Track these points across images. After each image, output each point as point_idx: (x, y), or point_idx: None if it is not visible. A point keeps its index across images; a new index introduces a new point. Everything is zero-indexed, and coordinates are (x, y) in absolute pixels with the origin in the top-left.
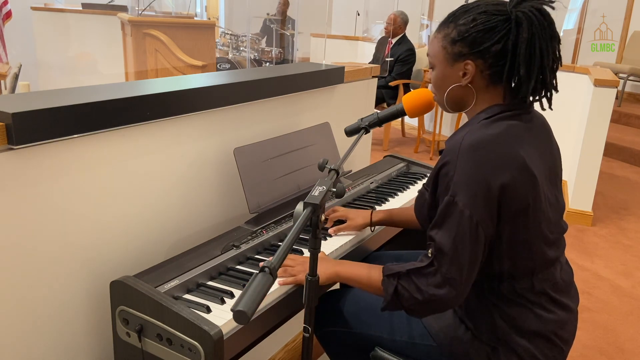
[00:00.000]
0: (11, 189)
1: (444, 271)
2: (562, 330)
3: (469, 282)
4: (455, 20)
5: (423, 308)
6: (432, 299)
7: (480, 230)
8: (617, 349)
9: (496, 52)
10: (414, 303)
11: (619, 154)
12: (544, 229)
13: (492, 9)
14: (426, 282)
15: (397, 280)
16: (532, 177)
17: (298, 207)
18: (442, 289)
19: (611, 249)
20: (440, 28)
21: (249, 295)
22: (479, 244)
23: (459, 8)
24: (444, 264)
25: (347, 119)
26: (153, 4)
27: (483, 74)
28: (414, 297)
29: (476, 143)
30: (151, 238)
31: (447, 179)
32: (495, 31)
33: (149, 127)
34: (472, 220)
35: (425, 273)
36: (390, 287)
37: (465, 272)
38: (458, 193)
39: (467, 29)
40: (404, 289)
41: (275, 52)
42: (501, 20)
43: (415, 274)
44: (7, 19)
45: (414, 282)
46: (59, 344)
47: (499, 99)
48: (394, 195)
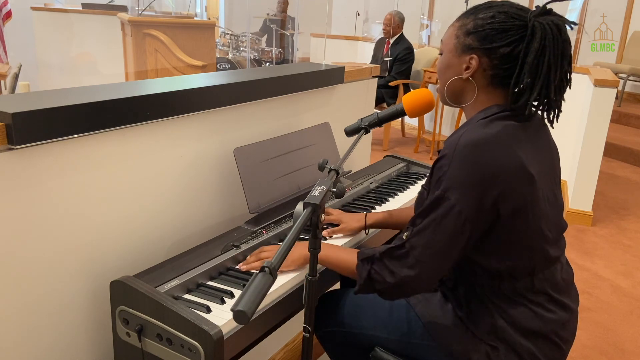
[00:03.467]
0: (11, 189)
1: (416, 253)
2: (562, 330)
3: (440, 270)
4: (476, 13)
5: (394, 291)
6: (404, 281)
7: (466, 226)
8: (617, 349)
9: (503, 55)
10: (386, 286)
11: (619, 154)
12: (543, 228)
13: (513, 12)
14: (398, 264)
15: (371, 265)
16: (529, 176)
17: (298, 207)
18: (413, 269)
19: (611, 249)
20: (460, 18)
21: (249, 295)
22: (460, 238)
23: (485, 2)
24: (417, 246)
25: (347, 119)
26: (153, 4)
27: (485, 72)
28: (386, 281)
29: (474, 142)
30: (151, 238)
31: (440, 172)
32: (509, 34)
33: (149, 127)
34: (461, 215)
35: (398, 255)
36: (364, 271)
37: (436, 259)
38: (450, 189)
39: (484, 24)
40: (377, 273)
41: (275, 52)
42: (518, 25)
43: (388, 257)
44: (7, 19)
45: (386, 265)
46: (59, 344)
47: (499, 100)
48: (393, 195)
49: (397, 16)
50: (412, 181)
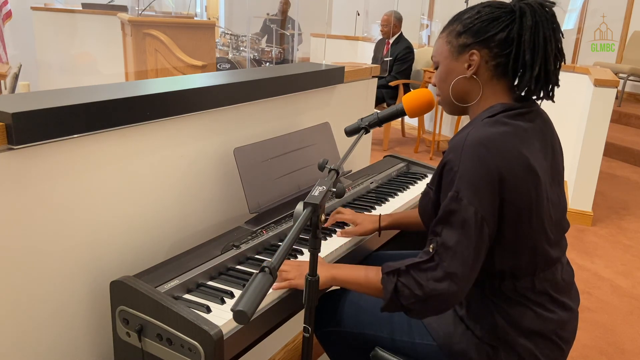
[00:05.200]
0: (11, 189)
1: (445, 265)
2: (562, 330)
3: (470, 279)
4: (460, 17)
5: (423, 306)
6: (433, 294)
7: (485, 227)
8: (617, 349)
9: (501, 40)
10: (414, 301)
11: (619, 154)
12: (546, 229)
13: (496, 3)
14: (426, 277)
15: (397, 277)
16: (535, 176)
17: (298, 207)
18: (442, 283)
19: (611, 249)
20: (445, 27)
21: (249, 295)
22: (483, 240)
23: (465, 8)
24: (445, 258)
25: (347, 119)
26: (153, 4)
27: (488, 64)
28: (414, 294)
29: (480, 140)
30: (151, 238)
31: (451, 174)
32: (500, 20)
33: (149, 127)
34: (477, 215)
35: (426, 268)
36: (389, 284)
37: (467, 267)
38: (462, 189)
39: (472, 20)
40: (404, 285)
41: (275, 52)
42: (505, 11)
43: (415, 269)
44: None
45: (413, 277)
46: (59, 344)
47: (503, 96)
48: (394, 195)
49: (394, 16)
50: (412, 181)
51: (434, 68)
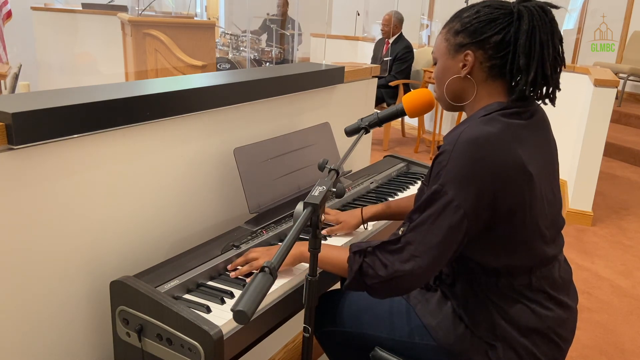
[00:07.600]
0: (11, 189)
1: (412, 248)
2: (560, 328)
3: (435, 268)
4: (460, 15)
5: (386, 286)
6: (396, 275)
7: (464, 223)
8: (617, 349)
9: (496, 43)
10: (377, 281)
11: (619, 154)
12: (541, 227)
13: (496, 4)
14: (392, 258)
15: (363, 257)
16: (528, 176)
17: (298, 207)
18: (407, 264)
19: (611, 249)
20: (446, 24)
21: (249, 295)
22: (456, 234)
23: (467, 6)
24: (413, 241)
25: (347, 119)
26: (153, 4)
27: (482, 65)
28: (378, 275)
29: (474, 138)
30: (151, 238)
31: (439, 167)
32: (497, 22)
33: (149, 127)
34: (459, 210)
35: (392, 250)
36: (355, 264)
37: (431, 255)
38: (447, 183)
39: (470, 20)
40: (369, 266)
41: (275, 52)
42: (504, 13)
43: (382, 250)
44: (7, 19)
45: (379, 258)
46: (59, 344)
47: (499, 96)
48: (393, 195)
49: (396, 16)
50: (412, 181)
51: (433, 63)
